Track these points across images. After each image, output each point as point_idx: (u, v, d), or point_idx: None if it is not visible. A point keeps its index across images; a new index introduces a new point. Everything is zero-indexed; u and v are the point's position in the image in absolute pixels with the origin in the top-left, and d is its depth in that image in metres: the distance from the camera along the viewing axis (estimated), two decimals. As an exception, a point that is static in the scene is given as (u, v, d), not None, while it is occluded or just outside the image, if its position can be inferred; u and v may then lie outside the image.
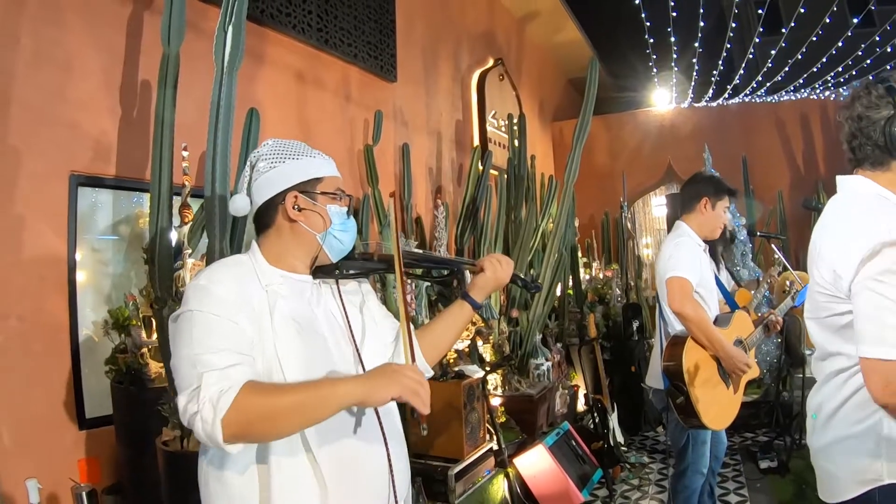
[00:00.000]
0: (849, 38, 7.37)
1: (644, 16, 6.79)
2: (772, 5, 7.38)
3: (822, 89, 8.31)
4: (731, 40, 7.70)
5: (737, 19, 7.79)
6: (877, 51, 7.76)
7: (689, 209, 2.65)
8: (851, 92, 1.42)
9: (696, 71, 8.11)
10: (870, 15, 8.17)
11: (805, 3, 6.60)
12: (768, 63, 8.00)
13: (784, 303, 2.90)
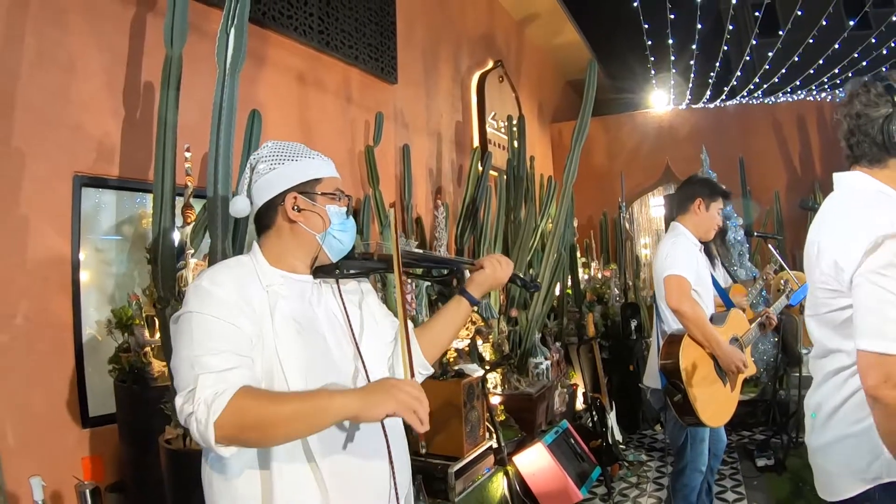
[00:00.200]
0: (845, 40, 7.37)
1: (642, 18, 6.80)
2: (769, 8, 7.36)
3: (819, 91, 8.31)
4: (729, 42, 7.70)
5: (734, 21, 7.76)
6: (872, 53, 7.75)
7: (683, 210, 2.67)
8: (849, 90, 1.41)
9: (694, 73, 8.11)
10: (865, 17, 8.17)
11: (801, 6, 6.61)
12: (765, 65, 8.00)
13: (779, 301, 2.90)
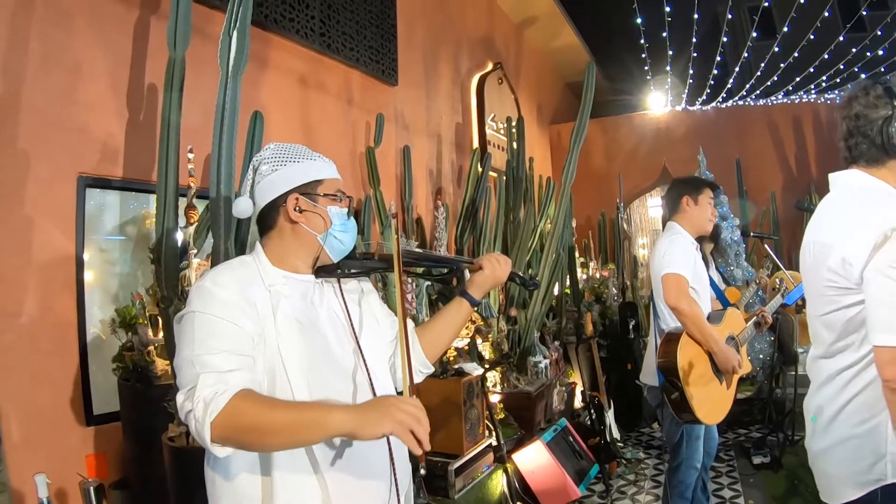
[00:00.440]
0: (840, 42, 7.38)
1: (640, 21, 6.80)
2: (765, 11, 7.38)
3: (815, 92, 8.31)
4: (725, 45, 7.70)
5: (730, 24, 7.78)
6: (867, 55, 7.76)
7: (675, 211, 2.69)
8: (849, 92, 1.41)
9: (691, 75, 8.12)
10: (860, 20, 8.17)
11: (798, 9, 6.60)
12: (761, 67, 8.01)
13: (774, 300, 2.90)
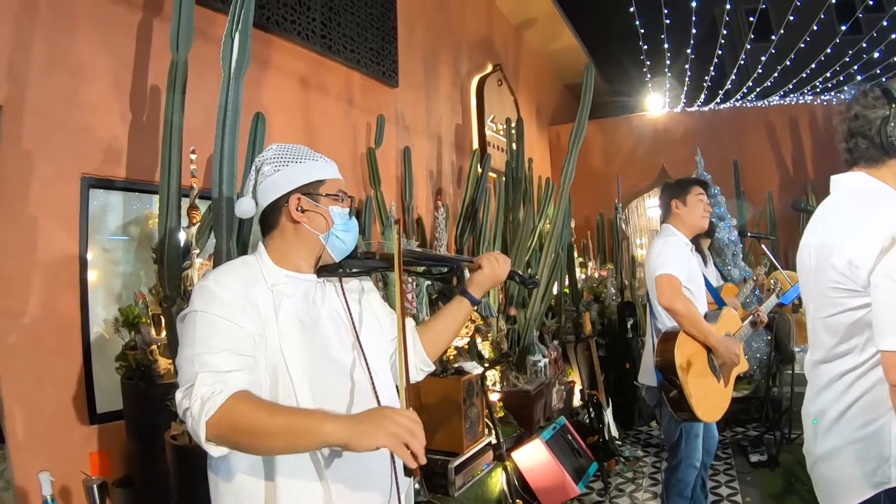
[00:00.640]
0: (837, 44, 7.38)
1: (638, 23, 6.80)
2: (762, 13, 7.38)
3: (811, 94, 8.31)
4: (723, 47, 7.71)
5: (728, 26, 7.77)
6: (864, 57, 7.75)
7: (667, 215, 2.71)
8: (849, 97, 1.42)
9: (689, 76, 8.12)
10: (857, 22, 8.16)
11: (794, 11, 6.60)
12: (759, 69, 8.01)
13: (769, 300, 2.90)
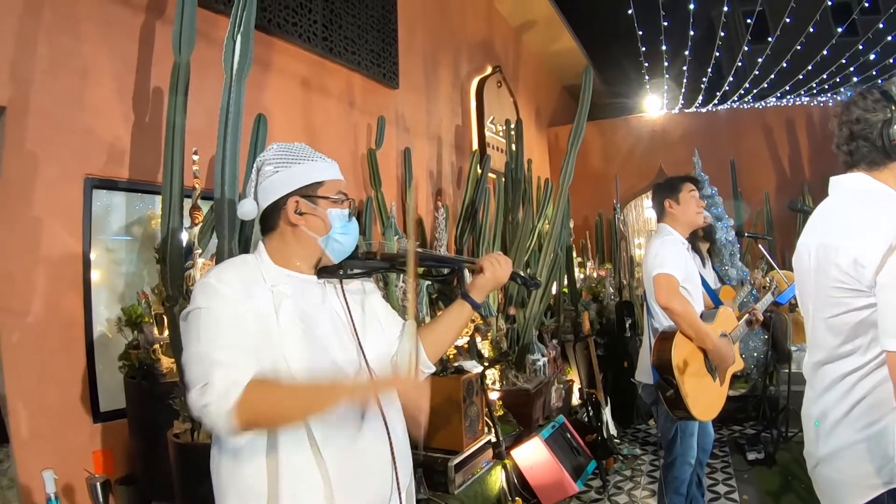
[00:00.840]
0: (833, 46, 7.37)
1: (636, 25, 6.80)
2: (759, 15, 7.37)
3: (808, 96, 8.31)
4: (720, 49, 7.71)
5: (725, 29, 7.78)
6: (860, 59, 7.75)
7: (662, 215, 2.73)
8: (847, 98, 1.41)
9: (687, 78, 8.12)
10: (853, 24, 8.17)
11: (791, 14, 6.60)
12: (755, 70, 8.00)
13: (764, 299, 2.90)
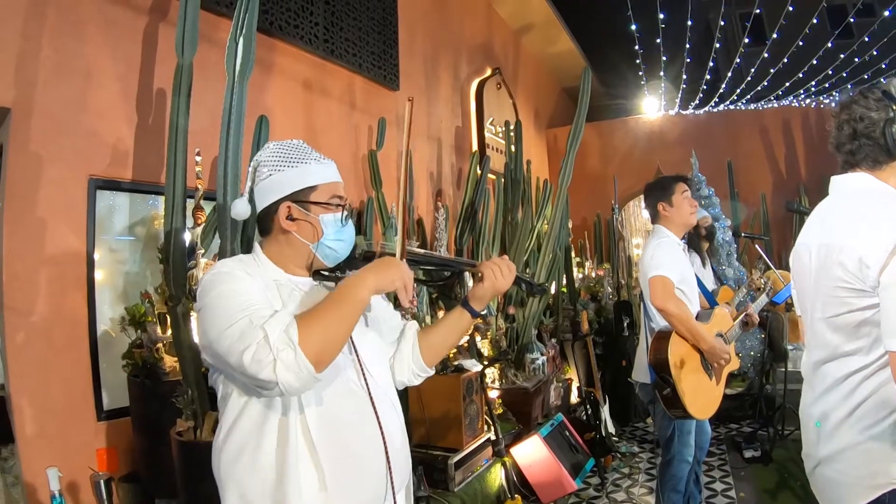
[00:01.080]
0: (829, 48, 7.37)
1: (634, 28, 6.80)
2: (756, 18, 7.36)
3: (804, 97, 8.31)
4: (717, 51, 7.71)
5: (723, 31, 7.77)
6: (855, 61, 7.75)
7: (657, 217, 2.72)
8: (847, 97, 1.40)
9: (684, 80, 8.11)
10: (848, 27, 8.16)
11: (787, 16, 6.60)
12: (752, 72, 8.00)
13: (759, 299, 2.90)
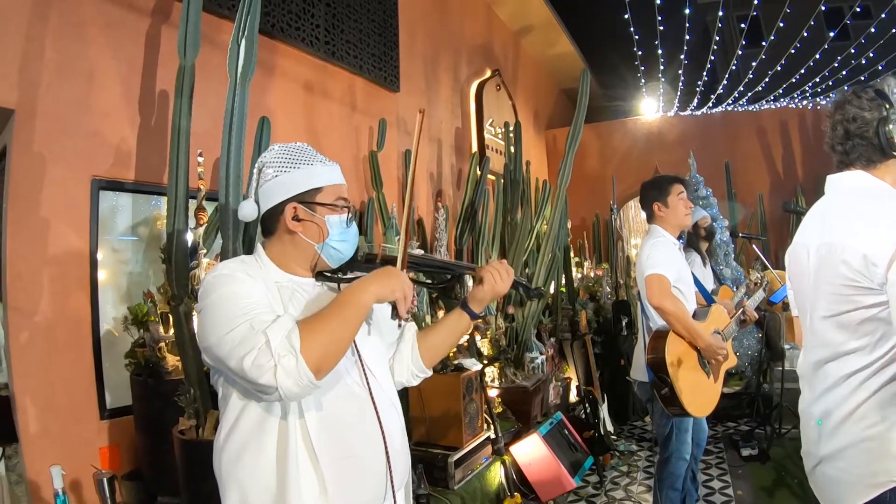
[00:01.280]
0: (825, 50, 7.37)
1: (633, 30, 6.80)
2: (753, 20, 7.36)
3: (801, 99, 8.31)
4: (715, 53, 7.70)
5: (720, 33, 7.76)
6: (852, 62, 7.75)
7: (652, 217, 2.72)
8: (840, 97, 1.39)
9: (682, 81, 8.12)
10: (845, 29, 8.16)
11: (784, 18, 6.59)
12: (750, 74, 8.00)
13: (756, 296, 2.89)
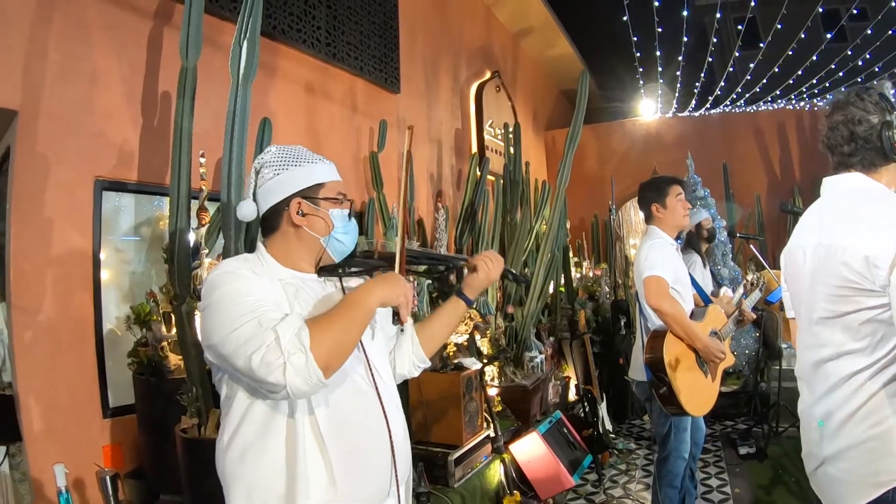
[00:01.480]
0: (822, 52, 7.37)
1: (631, 32, 6.80)
2: (751, 22, 7.37)
3: (798, 100, 8.31)
4: (713, 54, 7.71)
5: (718, 35, 7.77)
6: (849, 64, 7.75)
7: (650, 218, 2.71)
8: (839, 100, 1.38)
9: (680, 83, 8.12)
10: (842, 30, 8.17)
11: (782, 20, 6.59)
12: (747, 76, 8.01)
13: (753, 294, 2.90)
